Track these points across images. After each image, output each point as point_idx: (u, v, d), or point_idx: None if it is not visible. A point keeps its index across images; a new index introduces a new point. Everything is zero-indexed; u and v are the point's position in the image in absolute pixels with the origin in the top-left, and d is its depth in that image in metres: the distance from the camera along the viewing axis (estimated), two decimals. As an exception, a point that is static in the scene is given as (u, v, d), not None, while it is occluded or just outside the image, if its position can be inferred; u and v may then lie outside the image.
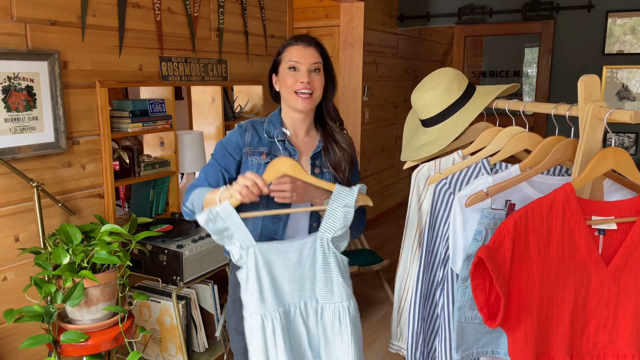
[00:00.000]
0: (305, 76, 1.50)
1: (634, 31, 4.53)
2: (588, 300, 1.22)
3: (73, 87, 2.25)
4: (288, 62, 1.52)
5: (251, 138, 1.55)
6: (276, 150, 1.54)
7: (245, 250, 1.40)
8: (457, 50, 5.23)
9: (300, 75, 1.50)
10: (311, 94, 1.51)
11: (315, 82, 1.51)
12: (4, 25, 1.99)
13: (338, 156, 1.56)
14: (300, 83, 1.50)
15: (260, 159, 1.53)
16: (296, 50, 1.52)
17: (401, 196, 5.91)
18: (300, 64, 1.51)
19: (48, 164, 2.18)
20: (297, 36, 1.57)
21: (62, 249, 1.85)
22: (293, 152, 1.54)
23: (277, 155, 1.52)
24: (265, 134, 1.55)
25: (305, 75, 1.50)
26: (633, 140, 4.58)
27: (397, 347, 1.74)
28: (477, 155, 1.47)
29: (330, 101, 1.61)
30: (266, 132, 1.56)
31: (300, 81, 1.50)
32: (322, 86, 1.54)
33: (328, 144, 1.57)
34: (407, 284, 1.68)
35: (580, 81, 1.20)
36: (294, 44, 1.54)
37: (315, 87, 1.52)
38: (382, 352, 2.91)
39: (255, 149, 1.54)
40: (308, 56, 1.51)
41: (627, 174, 1.22)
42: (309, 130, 1.60)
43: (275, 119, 1.58)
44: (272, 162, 1.41)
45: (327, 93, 1.59)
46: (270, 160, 1.50)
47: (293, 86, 1.50)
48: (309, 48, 1.53)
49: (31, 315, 1.79)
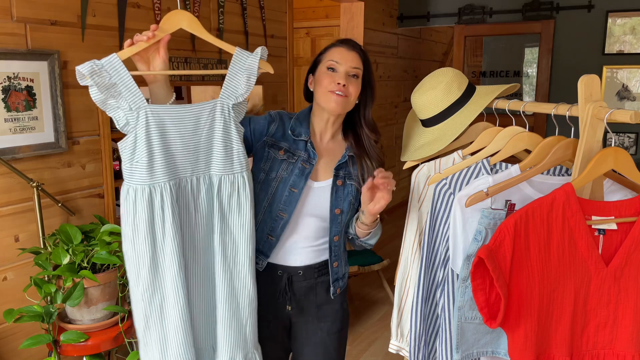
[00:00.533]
0: (342, 78, 1.44)
1: (634, 31, 4.53)
2: (588, 300, 1.22)
3: (73, 87, 2.25)
4: (328, 61, 1.47)
5: (276, 130, 1.51)
6: (296, 149, 1.49)
7: (135, 112, 1.25)
8: (457, 50, 5.23)
9: (338, 76, 1.45)
10: (346, 97, 1.45)
11: (350, 87, 1.46)
12: (4, 25, 1.99)
13: (369, 169, 1.51)
14: (337, 84, 1.44)
15: (278, 154, 1.49)
16: (338, 52, 1.48)
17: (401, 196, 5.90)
18: (339, 65, 1.46)
19: (48, 164, 2.18)
20: (343, 39, 1.52)
21: (62, 249, 1.85)
22: (313, 155, 1.49)
23: (297, 154, 1.49)
24: (290, 131, 1.51)
25: (342, 77, 1.45)
26: (633, 140, 4.58)
27: (397, 347, 1.74)
28: (477, 155, 1.47)
29: (368, 111, 1.54)
30: (291, 128, 1.51)
31: (337, 82, 1.44)
32: (357, 93, 1.49)
33: (358, 155, 1.52)
34: (407, 284, 1.67)
35: (580, 81, 1.20)
36: (338, 46, 1.49)
37: (350, 92, 1.46)
38: (382, 352, 2.91)
39: (276, 142, 1.50)
40: (349, 59, 1.47)
41: (627, 174, 1.22)
42: (335, 135, 1.55)
43: (304, 117, 1.54)
44: (169, 14, 1.32)
45: (366, 103, 1.53)
46: (288, 157, 1.47)
47: (329, 86, 1.45)
48: (351, 52, 1.48)
49: (31, 315, 1.79)
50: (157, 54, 1.32)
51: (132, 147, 1.27)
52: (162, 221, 1.29)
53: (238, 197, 1.37)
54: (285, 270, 1.54)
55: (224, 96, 1.36)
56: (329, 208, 1.50)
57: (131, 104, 1.26)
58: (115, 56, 1.24)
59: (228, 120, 1.36)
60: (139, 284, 1.30)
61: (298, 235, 1.52)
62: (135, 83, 1.26)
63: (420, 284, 1.48)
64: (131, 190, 1.27)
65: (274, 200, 1.48)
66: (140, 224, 1.27)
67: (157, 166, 1.28)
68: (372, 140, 1.54)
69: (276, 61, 3.64)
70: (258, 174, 1.50)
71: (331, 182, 1.50)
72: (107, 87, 1.23)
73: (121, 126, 1.28)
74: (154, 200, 1.28)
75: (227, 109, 1.36)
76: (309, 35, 5.60)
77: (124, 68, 1.24)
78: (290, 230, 1.51)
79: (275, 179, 1.48)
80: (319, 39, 5.56)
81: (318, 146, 1.53)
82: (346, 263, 1.64)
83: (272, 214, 1.49)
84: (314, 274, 1.55)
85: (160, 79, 1.34)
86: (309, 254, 1.54)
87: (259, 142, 1.51)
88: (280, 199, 1.48)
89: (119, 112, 1.26)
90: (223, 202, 1.37)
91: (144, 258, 1.29)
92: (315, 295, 1.57)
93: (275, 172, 1.48)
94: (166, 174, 1.29)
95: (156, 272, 1.31)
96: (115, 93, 1.24)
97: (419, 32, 6.05)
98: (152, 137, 1.27)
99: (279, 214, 1.48)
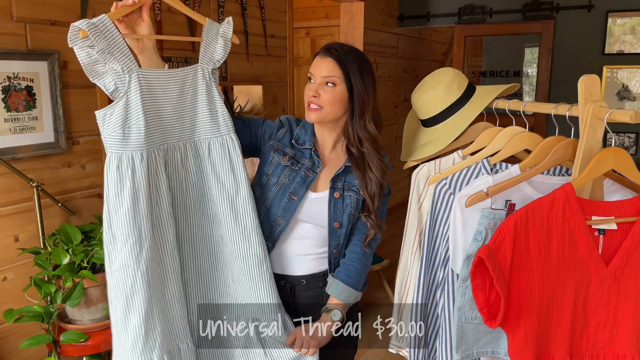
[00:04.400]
0: (313, 89, 1.40)
1: (634, 31, 4.53)
2: (588, 300, 1.22)
3: (73, 87, 2.25)
4: (308, 72, 1.44)
5: (283, 135, 1.50)
6: (301, 157, 1.47)
7: (127, 74, 1.22)
8: (457, 50, 5.23)
9: (312, 87, 1.41)
10: (320, 108, 1.40)
11: (324, 96, 1.39)
12: (4, 25, 1.99)
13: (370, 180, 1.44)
14: (309, 95, 1.41)
15: (282, 160, 1.47)
16: (315, 62, 1.43)
17: (401, 196, 5.90)
18: (314, 76, 1.42)
19: (48, 164, 2.18)
20: (326, 45, 1.44)
21: (62, 249, 1.85)
22: (317, 163, 1.47)
23: (301, 161, 1.47)
24: (294, 140, 1.49)
25: (314, 88, 1.40)
26: (633, 140, 4.58)
27: (397, 347, 1.74)
28: (477, 155, 1.47)
29: (356, 122, 1.42)
30: (296, 136, 1.49)
31: (310, 93, 1.41)
32: (332, 102, 1.39)
33: (355, 167, 1.45)
34: (407, 284, 1.68)
35: (580, 81, 1.20)
36: (317, 54, 1.44)
37: (323, 101, 1.39)
38: (382, 352, 2.91)
39: (282, 148, 1.48)
40: (321, 68, 1.40)
41: (627, 173, 1.22)
42: (335, 146, 1.51)
43: (309, 126, 1.51)
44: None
45: (353, 110, 1.42)
46: (291, 164, 1.46)
47: (306, 98, 1.43)
48: (325, 59, 1.40)
49: (31, 315, 1.79)
50: (141, 21, 1.31)
51: (123, 112, 1.22)
52: (156, 189, 1.27)
53: (230, 157, 1.38)
54: (288, 280, 1.52)
55: (203, 62, 1.37)
56: (327, 221, 1.48)
57: (124, 66, 1.22)
58: (105, 16, 1.19)
59: (209, 84, 1.38)
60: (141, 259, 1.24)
61: (296, 242, 1.50)
62: (126, 44, 1.22)
63: (420, 284, 1.48)
64: (125, 157, 1.22)
65: (272, 206, 1.47)
66: (140, 192, 1.23)
67: (151, 130, 1.25)
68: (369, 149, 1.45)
69: (276, 61, 3.65)
70: (260, 177, 1.50)
71: (328, 193, 1.47)
72: (101, 48, 1.18)
73: (110, 92, 1.23)
74: (151, 165, 1.26)
75: (207, 73, 1.38)
76: (309, 35, 5.60)
77: (115, 29, 1.21)
78: (287, 236, 1.49)
79: (276, 184, 1.46)
80: (319, 39, 5.56)
81: (322, 155, 1.50)
82: None
83: (270, 220, 1.47)
84: (318, 283, 1.53)
85: (148, 46, 1.32)
86: (310, 263, 1.51)
87: (266, 144, 1.50)
88: (279, 205, 1.46)
89: (107, 78, 1.22)
90: (216, 165, 1.37)
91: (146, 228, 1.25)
92: (321, 307, 1.52)
93: (276, 178, 1.47)
94: (158, 139, 1.28)
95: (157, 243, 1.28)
96: (108, 54, 1.19)
97: (419, 32, 6.05)
98: (146, 101, 1.25)
99: (276, 219, 1.47)
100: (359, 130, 1.44)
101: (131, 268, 1.24)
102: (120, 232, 1.24)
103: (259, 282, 1.41)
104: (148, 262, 1.25)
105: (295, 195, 1.45)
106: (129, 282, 1.25)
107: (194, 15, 1.42)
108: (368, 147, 1.45)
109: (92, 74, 1.22)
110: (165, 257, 1.31)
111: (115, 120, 1.22)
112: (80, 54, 1.19)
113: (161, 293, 1.30)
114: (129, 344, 1.26)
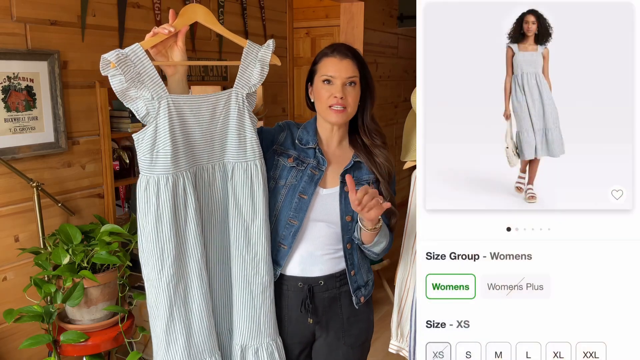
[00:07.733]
0: (339, 91, 1.42)
1: (634, 31, 4.53)
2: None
3: (73, 87, 2.25)
4: (323, 75, 1.45)
5: (285, 138, 1.51)
6: (305, 157, 1.49)
7: (157, 101, 1.28)
8: (457, 50, 5.23)
9: (334, 89, 1.42)
10: (345, 109, 1.44)
11: (349, 97, 1.43)
12: (4, 25, 1.99)
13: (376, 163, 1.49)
14: (334, 98, 1.42)
15: (287, 162, 1.48)
16: (331, 63, 1.44)
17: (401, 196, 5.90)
18: (334, 78, 1.42)
19: (48, 164, 2.18)
20: (334, 46, 1.47)
21: (62, 249, 1.85)
22: (322, 161, 1.48)
23: (306, 161, 1.48)
24: (297, 140, 1.51)
25: (339, 89, 1.42)
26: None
27: (397, 347, 1.74)
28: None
29: (367, 115, 1.51)
30: (299, 138, 1.51)
31: (334, 95, 1.42)
32: (356, 101, 1.46)
33: (363, 159, 1.50)
34: (407, 284, 1.68)
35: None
36: (330, 56, 1.45)
37: (349, 102, 1.43)
38: (382, 352, 2.90)
39: (285, 151, 1.50)
40: (343, 70, 1.43)
41: None
42: (341, 142, 1.53)
43: (310, 127, 1.53)
44: (184, 8, 1.35)
45: (364, 107, 1.50)
46: (297, 165, 1.47)
47: (327, 101, 1.44)
48: (344, 60, 1.43)
49: (31, 316, 1.80)
50: (175, 46, 1.35)
51: (152, 137, 1.29)
52: (184, 209, 1.32)
53: (251, 184, 1.40)
54: (305, 282, 1.51)
55: (238, 86, 1.39)
56: (339, 215, 1.48)
57: (153, 93, 1.28)
58: (138, 46, 1.26)
59: (242, 109, 1.39)
60: (163, 275, 1.32)
61: (311, 243, 1.49)
62: (157, 73, 1.28)
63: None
64: (152, 180, 1.29)
65: (283, 208, 1.47)
66: (164, 214, 1.29)
67: (179, 155, 1.31)
68: (377, 142, 1.51)
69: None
70: (268, 183, 1.49)
71: (338, 189, 1.48)
72: (132, 76, 1.25)
73: (141, 116, 1.29)
74: (178, 189, 1.31)
75: (241, 98, 1.39)
76: (309, 35, 5.60)
77: (147, 58, 1.27)
78: (302, 237, 1.49)
79: (285, 186, 1.47)
80: (319, 39, 5.56)
81: (326, 153, 1.51)
82: (368, 270, 1.59)
83: (283, 222, 1.47)
84: (336, 284, 1.52)
85: (180, 71, 1.36)
86: (327, 263, 1.51)
87: (268, 151, 1.51)
88: (290, 205, 1.46)
89: (139, 103, 1.28)
90: (236, 189, 1.40)
91: (169, 247, 1.31)
92: (340, 307, 1.53)
93: (284, 180, 1.47)
94: (187, 162, 1.33)
95: (181, 260, 1.34)
96: (138, 83, 1.26)
97: (419, 32, 6.05)
98: (174, 126, 1.30)
99: (289, 221, 1.47)
100: (368, 123, 1.52)
101: (154, 282, 1.33)
102: (146, 248, 1.32)
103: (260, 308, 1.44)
104: (169, 278, 1.32)
105: (305, 194, 1.46)
106: (153, 293, 1.34)
107: (234, 37, 1.42)
108: (375, 137, 1.52)
109: (125, 99, 1.28)
110: (190, 274, 1.35)
111: (145, 144, 1.29)
112: (113, 81, 1.24)
113: (185, 307, 1.35)
114: (156, 348, 1.39)
